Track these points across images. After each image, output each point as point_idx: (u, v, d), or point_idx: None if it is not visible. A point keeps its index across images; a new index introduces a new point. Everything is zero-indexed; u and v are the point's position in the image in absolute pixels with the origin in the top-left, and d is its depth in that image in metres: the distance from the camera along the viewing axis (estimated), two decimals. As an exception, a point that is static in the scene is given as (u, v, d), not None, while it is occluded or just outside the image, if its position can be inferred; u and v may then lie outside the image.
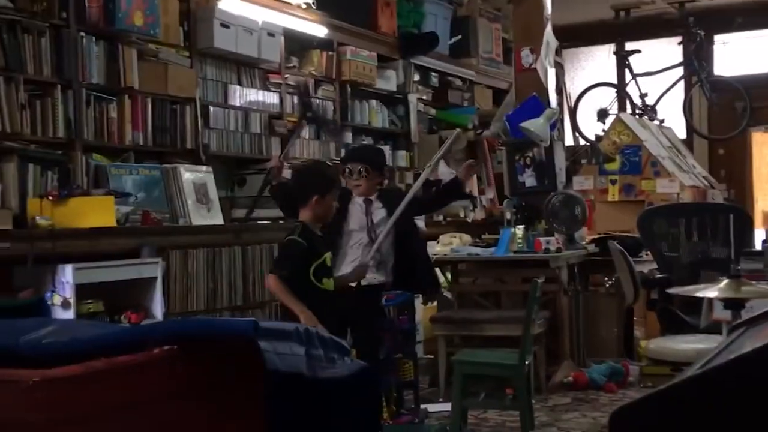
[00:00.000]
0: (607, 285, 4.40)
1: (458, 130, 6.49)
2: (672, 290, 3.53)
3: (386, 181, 5.73)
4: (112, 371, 2.13)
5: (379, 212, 4.82)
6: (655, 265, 5.80)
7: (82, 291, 4.44)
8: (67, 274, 4.35)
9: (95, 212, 4.56)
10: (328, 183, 4.06)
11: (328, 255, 4.00)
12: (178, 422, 2.26)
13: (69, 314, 4.33)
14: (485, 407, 5.12)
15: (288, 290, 3.78)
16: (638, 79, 8.90)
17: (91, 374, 2.09)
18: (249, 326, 2.18)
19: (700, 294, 3.31)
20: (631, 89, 8.94)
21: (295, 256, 3.83)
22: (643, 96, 8.79)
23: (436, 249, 6.28)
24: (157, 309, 4.79)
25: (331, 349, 2.50)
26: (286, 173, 4.99)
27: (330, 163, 6.15)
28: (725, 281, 3.20)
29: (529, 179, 6.63)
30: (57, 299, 4.35)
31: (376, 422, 2.62)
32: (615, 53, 9.55)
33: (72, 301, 4.35)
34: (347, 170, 4.86)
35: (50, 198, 4.48)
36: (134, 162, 5.18)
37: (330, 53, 6.89)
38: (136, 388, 2.18)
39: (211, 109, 5.79)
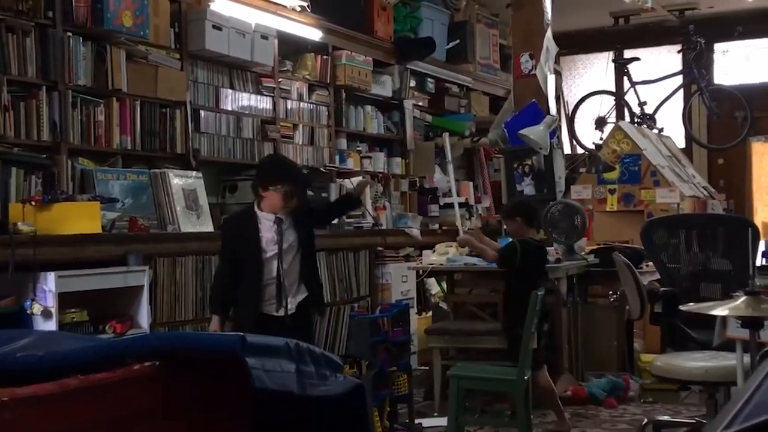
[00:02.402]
0: (612, 299, 4.19)
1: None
2: (685, 307, 3.35)
3: None
4: (87, 389, 2.00)
5: (289, 233, 4.36)
6: (655, 277, 5.65)
7: (66, 299, 4.29)
8: (50, 282, 4.20)
9: (80, 218, 4.42)
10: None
11: None
12: (159, 444, 2.12)
13: (51, 323, 4.19)
14: (482, 424, 4.98)
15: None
16: (637, 87, 8.77)
17: (65, 393, 1.96)
18: (235, 342, 2.05)
19: (715, 312, 3.12)
20: (630, 97, 8.82)
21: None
22: (642, 104, 8.66)
23: (431, 258, 6.14)
24: (144, 319, 4.64)
25: (323, 366, 2.36)
26: None
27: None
28: (742, 298, 3.02)
29: (527, 188, 6.51)
30: (36, 308, 4.18)
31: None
32: (613, 61, 9.41)
33: (54, 310, 4.20)
34: (285, 192, 4.29)
35: (33, 203, 4.33)
36: (122, 167, 5.04)
37: (324, 57, 6.76)
38: (114, 406, 2.05)
39: (202, 113, 5.64)
